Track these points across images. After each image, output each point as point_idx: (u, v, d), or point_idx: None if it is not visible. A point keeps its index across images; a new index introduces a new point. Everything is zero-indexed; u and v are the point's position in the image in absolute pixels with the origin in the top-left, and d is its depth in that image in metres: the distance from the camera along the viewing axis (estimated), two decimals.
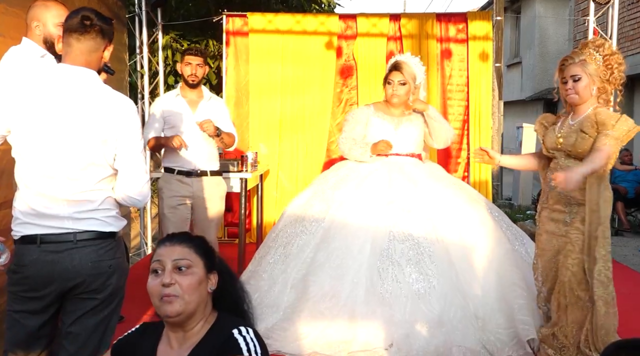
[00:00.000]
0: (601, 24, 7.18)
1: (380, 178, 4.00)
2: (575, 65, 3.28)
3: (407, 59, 4.11)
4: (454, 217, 3.86)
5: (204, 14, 8.40)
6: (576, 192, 3.23)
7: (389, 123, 4.12)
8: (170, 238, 1.84)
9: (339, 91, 7.11)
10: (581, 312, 3.27)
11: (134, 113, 2.41)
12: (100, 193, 2.37)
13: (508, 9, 17.43)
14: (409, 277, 3.60)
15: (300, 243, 3.92)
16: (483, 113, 7.06)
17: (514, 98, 17.42)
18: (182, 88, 4.51)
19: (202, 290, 1.78)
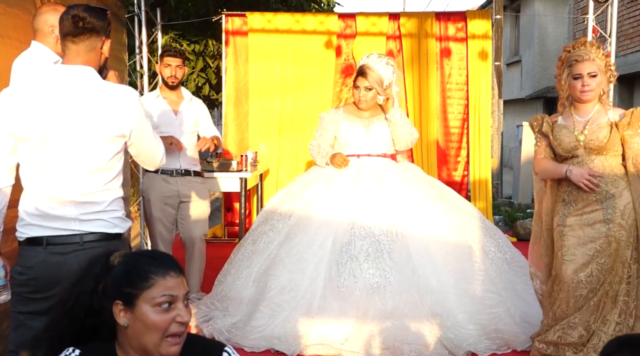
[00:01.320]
0: (600, 22, 7.18)
1: (347, 178, 4.07)
2: (590, 62, 3.27)
3: (372, 63, 4.11)
4: (416, 215, 3.89)
5: (203, 13, 8.41)
6: (609, 184, 3.24)
7: (359, 125, 4.18)
8: (173, 266, 1.64)
9: (339, 90, 7.12)
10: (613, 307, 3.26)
11: (137, 99, 2.41)
12: (108, 194, 2.37)
13: (507, 7, 17.43)
14: (366, 272, 3.66)
15: (266, 240, 3.99)
16: (483, 112, 7.06)
17: (514, 96, 17.42)
18: (162, 89, 4.48)
19: None
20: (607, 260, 3.24)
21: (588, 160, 3.30)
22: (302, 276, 3.72)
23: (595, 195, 3.26)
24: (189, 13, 8.73)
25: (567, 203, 3.35)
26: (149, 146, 2.49)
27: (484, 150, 7.07)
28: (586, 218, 3.28)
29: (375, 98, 4.13)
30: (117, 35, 5.95)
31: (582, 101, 3.33)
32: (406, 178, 4.12)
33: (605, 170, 3.27)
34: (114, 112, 2.33)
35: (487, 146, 7.13)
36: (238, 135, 7.07)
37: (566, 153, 3.35)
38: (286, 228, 3.97)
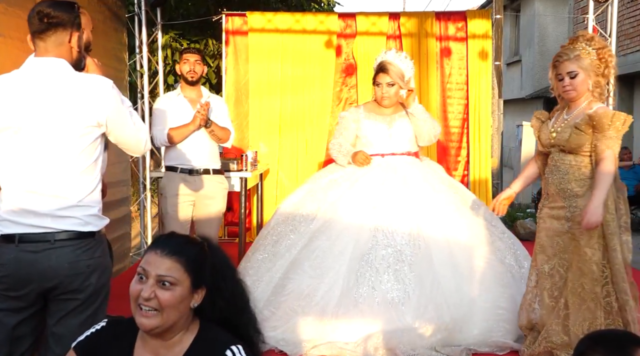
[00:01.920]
0: (600, 21, 7.18)
1: (373, 180, 3.97)
2: (570, 62, 3.27)
3: (392, 58, 4.05)
4: (442, 225, 3.80)
5: (203, 13, 8.41)
6: (572, 183, 3.28)
7: (382, 123, 4.09)
8: (164, 245, 1.75)
9: (339, 90, 7.12)
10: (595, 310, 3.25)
11: (111, 88, 2.36)
12: (81, 188, 2.34)
13: (507, 7, 17.41)
14: (385, 284, 3.58)
15: (288, 243, 3.91)
16: (483, 112, 7.07)
17: (514, 96, 17.41)
18: (183, 87, 4.53)
19: (184, 307, 1.72)
20: (568, 256, 3.29)
21: (558, 157, 3.36)
22: (320, 283, 3.65)
23: (562, 192, 3.31)
24: (189, 13, 8.73)
25: (544, 195, 3.47)
26: (128, 134, 2.42)
27: (484, 150, 7.08)
28: (555, 212, 3.37)
29: (397, 94, 4.04)
30: (117, 34, 5.96)
31: (567, 100, 3.37)
32: (431, 182, 4.02)
33: (573, 169, 3.29)
34: (87, 102, 2.30)
35: (487, 146, 7.14)
36: (238, 134, 7.06)
37: (543, 149, 3.46)
38: (309, 232, 3.87)
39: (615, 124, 3.16)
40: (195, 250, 1.77)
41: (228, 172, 5.48)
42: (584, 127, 3.23)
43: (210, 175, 4.49)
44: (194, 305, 1.75)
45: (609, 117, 3.17)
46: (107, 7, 5.58)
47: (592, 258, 3.21)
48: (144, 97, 6.86)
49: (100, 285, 2.41)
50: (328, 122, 7.09)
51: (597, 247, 3.21)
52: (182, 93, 4.50)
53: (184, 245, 1.77)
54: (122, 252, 5.91)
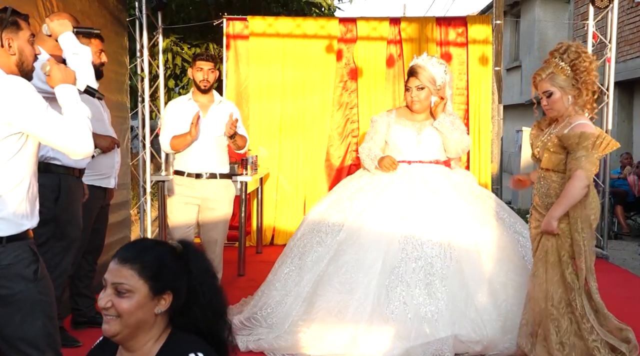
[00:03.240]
0: (600, 27, 7.19)
1: (400, 188, 3.87)
2: (543, 81, 3.26)
3: (423, 62, 3.99)
4: (472, 237, 3.72)
5: (204, 17, 8.42)
6: (553, 198, 3.27)
7: (411, 130, 4.00)
8: (121, 252, 1.75)
9: (339, 94, 7.13)
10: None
11: (24, 88, 2.30)
12: None
13: (508, 12, 17.45)
14: (417, 299, 3.51)
15: (315, 256, 3.81)
16: (483, 117, 7.08)
17: (514, 102, 17.42)
18: (194, 93, 4.51)
19: (144, 314, 1.70)
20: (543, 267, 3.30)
21: (540, 171, 3.39)
22: (351, 298, 3.56)
23: (545, 205, 3.32)
24: (190, 17, 8.74)
25: (533, 206, 3.48)
26: (44, 134, 2.33)
27: (483, 155, 7.08)
28: (536, 226, 3.37)
29: (428, 99, 3.96)
30: (118, 38, 5.97)
31: (554, 118, 3.36)
32: (460, 192, 3.92)
33: (555, 184, 3.28)
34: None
35: (487, 151, 7.15)
36: None
37: (533, 159, 3.49)
38: (335, 244, 3.78)
39: (583, 144, 3.12)
40: (153, 256, 1.74)
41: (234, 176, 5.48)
42: (555, 148, 3.24)
43: (216, 180, 4.48)
44: (158, 311, 1.72)
45: (576, 137, 3.13)
46: (108, 11, 5.59)
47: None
48: (144, 101, 6.87)
49: (11, 294, 2.32)
50: (328, 126, 7.09)
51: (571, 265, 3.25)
52: (193, 98, 4.49)
53: (142, 251, 1.75)
54: None
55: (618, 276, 5.95)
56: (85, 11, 5.00)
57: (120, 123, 5.85)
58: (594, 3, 6.27)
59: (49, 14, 4.01)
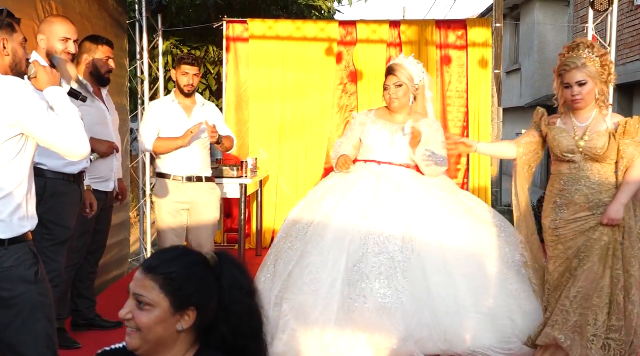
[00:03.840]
0: (600, 31, 7.20)
1: (365, 187, 3.87)
2: (578, 70, 3.25)
3: (401, 61, 4.03)
4: (435, 230, 3.70)
5: (204, 20, 8.42)
6: (603, 193, 3.27)
7: (386, 131, 3.99)
8: (147, 262, 1.64)
9: (339, 97, 7.13)
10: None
11: (22, 88, 2.31)
12: None
13: (507, 15, 17.47)
14: (377, 292, 3.49)
15: (286, 260, 3.82)
16: (482, 120, 7.08)
17: (513, 104, 17.44)
18: (177, 94, 4.47)
19: (165, 330, 1.58)
20: (597, 266, 3.27)
21: (585, 166, 3.31)
22: (317, 299, 3.54)
23: (588, 203, 3.28)
24: (190, 19, 8.74)
25: (559, 206, 3.38)
26: (44, 135, 2.33)
27: (483, 158, 7.08)
28: (577, 225, 3.32)
29: (407, 96, 3.96)
30: (118, 41, 5.97)
31: (576, 109, 3.34)
32: (428, 188, 3.91)
33: (601, 178, 3.29)
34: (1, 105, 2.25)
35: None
36: (238, 141, 7.02)
37: (563, 154, 3.36)
38: (302, 247, 3.78)
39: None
40: (178, 267, 1.60)
41: (228, 178, 5.49)
42: (618, 136, 3.25)
43: (203, 183, 4.46)
44: (181, 328, 1.59)
45: (638, 122, 3.20)
46: (108, 14, 5.59)
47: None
48: (144, 104, 6.87)
49: (12, 297, 2.32)
50: (328, 129, 7.09)
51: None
52: (177, 99, 4.46)
53: (167, 262, 1.62)
54: (121, 258, 5.90)
55: None
56: (85, 14, 5.00)
57: (120, 126, 5.83)
58: (593, 6, 6.28)
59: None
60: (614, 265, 3.26)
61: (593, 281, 3.26)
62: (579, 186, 3.31)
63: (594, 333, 3.24)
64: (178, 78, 4.42)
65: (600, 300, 3.25)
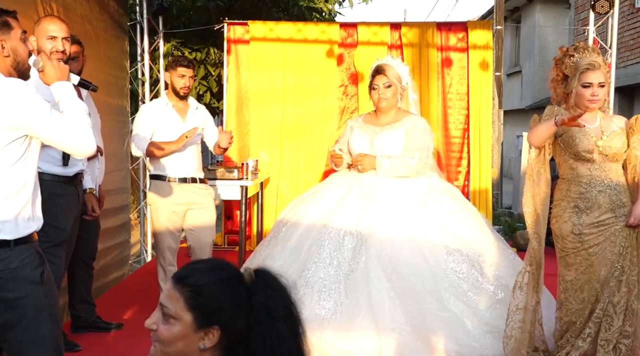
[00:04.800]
0: (601, 33, 7.20)
1: (335, 196, 3.94)
2: (600, 71, 3.27)
3: (388, 61, 4.02)
4: (389, 239, 3.65)
5: (205, 22, 8.42)
6: (621, 194, 3.28)
7: (367, 134, 4.00)
8: (178, 272, 1.53)
9: (340, 99, 7.13)
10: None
11: (23, 89, 2.29)
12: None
13: (508, 18, 17.49)
14: (316, 303, 3.49)
15: (251, 260, 3.93)
16: (483, 122, 7.07)
17: (514, 107, 17.44)
18: (171, 97, 4.44)
19: (186, 347, 1.47)
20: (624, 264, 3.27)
21: (605, 166, 3.30)
22: None
23: (610, 204, 3.27)
24: (191, 21, 8.74)
25: (582, 210, 3.32)
26: (48, 134, 2.31)
27: (484, 160, 7.07)
28: (604, 229, 3.28)
29: (395, 97, 3.95)
30: (119, 42, 5.97)
31: (588, 109, 3.32)
32: (398, 191, 3.85)
33: (620, 178, 3.31)
34: (3, 107, 2.23)
35: (487, 156, 7.14)
36: (239, 143, 7.07)
37: (583, 153, 3.31)
38: (270, 248, 3.93)
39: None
40: (206, 281, 1.49)
41: (225, 180, 5.48)
42: (624, 137, 3.30)
43: (197, 184, 4.46)
44: (203, 346, 1.46)
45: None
46: (109, 15, 5.60)
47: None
48: None
49: (18, 298, 2.31)
50: (329, 131, 7.09)
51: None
52: (171, 102, 4.43)
53: (196, 274, 1.51)
54: (121, 259, 5.90)
55: None
56: (86, 15, 5.00)
57: (120, 128, 5.85)
58: (594, 9, 6.28)
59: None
60: (631, 271, 3.26)
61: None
62: (601, 187, 3.28)
63: (605, 337, 3.23)
64: (173, 80, 4.39)
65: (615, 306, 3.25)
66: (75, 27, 3.48)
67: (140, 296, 4.89)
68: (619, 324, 3.23)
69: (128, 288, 5.40)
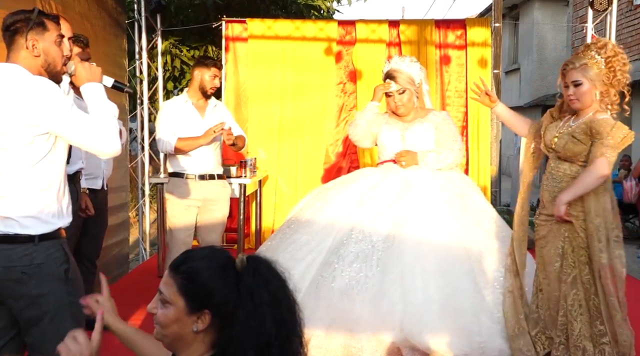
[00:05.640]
0: (599, 30, 7.20)
1: (370, 181, 3.92)
2: (575, 70, 3.21)
3: (397, 65, 4.00)
4: (425, 227, 3.66)
5: (203, 19, 8.42)
6: (564, 187, 3.23)
7: (397, 129, 4.01)
8: (174, 260, 1.65)
9: (338, 97, 7.13)
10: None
11: (53, 90, 2.34)
12: (20, 191, 2.31)
13: (506, 15, 17.49)
14: (347, 275, 3.52)
15: (277, 233, 3.93)
16: (481, 119, 7.08)
17: (512, 104, 17.43)
18: (192, 95, 4.47)
19: (181, 329, 1.59)
20: (567, 264, 3.27)
21: (554, 164, 3.33)
22: (291, 272, 3.60)
23: (552, 202, 3.27)
24: (189, 19, 8.74)
25: (540, 202, 3.41)
26: (75, 135, 2.35)
27: (482, 158, 7.08)
28: (550, 226, 3.33)
29: (412, 100, 3.95)
30: (117, 40, 5.97)
31: (573, 109, 3.31)
32: (435, 183, 3.87)
33: (567, 178, 3.25)
34: (26, 105, 2.28)
35: (486, 153, 7.14)
36: None
37: (545, 150, 3.40)
38: (296, 226, 3.87)
39: (614, 133, 3.11)
40: (196, 269, 1.60)
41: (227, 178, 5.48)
42: (581, 136, 3.18)
43: (215, 180, 4.50)
44: (196, 329, 1.58)
45: (609, 125, 3.12)
46: (107, 13, 5.59)
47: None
48: (143, 103, 6.87)
49: (41, 294, 2.32)
50: (327, 128, 7.09)
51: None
52: (191, 100, 4.47)
53: (188, 262, 1.62)
54: (121, 257, 5.90)
55: None
56: (85, 13, 5.00)
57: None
58: (592, 6, 6.28)
59: None
60: (581, 271, 3.22)
61: (555, 290, 3.28)
62: (548, 184, 3.32)
63: (573, 343, 3.21)
64: (204, 79, 4.41)
65: (569, 310, 3.24)
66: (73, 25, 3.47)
67: (139, 295, 4.88)
68: (580, 326, 3.20)
69: (127, 286, 5.40)
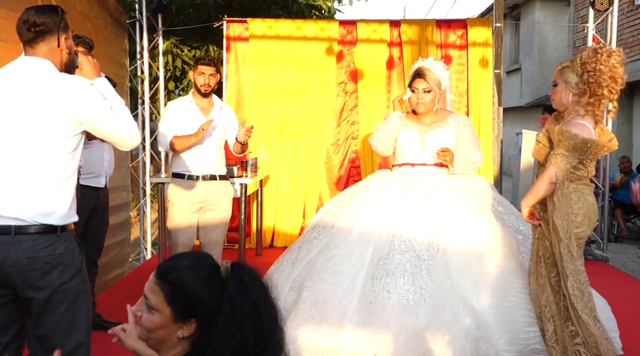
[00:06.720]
0: (600, 30, 7.20)
1: (397, 188, 3.91)
2: (556, 71, 3.29)
3: (430, 65, 3.97)
4: (461, 230, 3.70)
5: (204, 19, 8.43)
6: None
7: (416, 133, 4.00)
8: (160, 266, 1.67)
9: (339, 96, 7.13)
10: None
11: (87, 86, 2.41)
12: (46, 184, 2.36)
13: (508, 15, 17.48)
14: (401, 288, 3.51)
15: (309, 248, 3.88)
16: (483, 120, 7.09)
17: (514, 104, 17.44)
18: (194, 95, 4.51)
19: (166, 334, 1.62)
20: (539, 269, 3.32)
21: (538, 167, 3.38)
22: (337, 289, 3.56)
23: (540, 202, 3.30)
24: (190, 19, 8.75)
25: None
26: (108, 130, 2.45)
27: (484, 158, 7.07)
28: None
29: (433, 102, 3.95)
30: (119, 40, 5.97)
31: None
32: (460, 189, 3.90)
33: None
34: (63, 101, 2.34)
35: (487, 154, 7.14)
36: None
37: None
38: (328, 237, 3.83)
39: (564, 142, 3.09)
40: (187, 280, 1.62)
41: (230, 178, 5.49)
42: (543, 140, 3.25)
43: (216, 181, 4.49)
44: (181, 335, 1.62)
45: (559, 134, 3.11)
46: (108, 13, 5.60)
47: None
48: (144, 103, 6.87)
49: (63, 283, 2.38)
50: (328, 128, 7.09)
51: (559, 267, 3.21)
52: (194, 100, 4.49)
53: (175, 271, 1.64)
54: (122, 257, 5.91)
55: (618, 279, 5.96)
56: (86, 13, 5.00)
57: None
58: (594, 6, 6.28)
59: None
60: (549, 274, 3.25)
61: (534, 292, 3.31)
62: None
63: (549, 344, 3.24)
64: (195, 78, 4.47)
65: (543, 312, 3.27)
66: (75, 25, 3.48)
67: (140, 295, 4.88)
68: (553, 328, 3.22)
69: (128, 285, 5.40)
